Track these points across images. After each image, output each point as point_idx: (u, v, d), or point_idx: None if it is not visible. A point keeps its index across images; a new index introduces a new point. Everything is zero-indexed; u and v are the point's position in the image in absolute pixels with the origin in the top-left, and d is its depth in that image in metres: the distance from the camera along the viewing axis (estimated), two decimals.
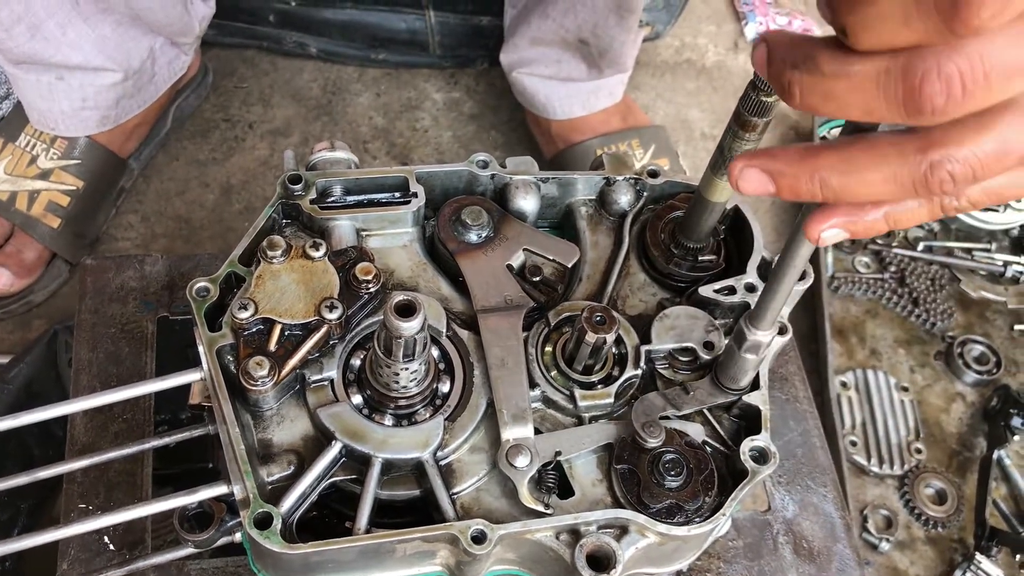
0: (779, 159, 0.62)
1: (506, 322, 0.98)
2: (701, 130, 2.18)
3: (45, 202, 1.73)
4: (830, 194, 0.61)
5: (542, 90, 1.88)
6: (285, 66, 2.14)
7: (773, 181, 0.63)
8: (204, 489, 0.91)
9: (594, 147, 1.86)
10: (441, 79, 2.17)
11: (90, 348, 1.24)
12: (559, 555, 0.87)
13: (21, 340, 1.71)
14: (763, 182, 0.63)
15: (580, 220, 1.10)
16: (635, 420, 0.92)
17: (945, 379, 1.85)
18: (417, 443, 0.90)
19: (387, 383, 0.90)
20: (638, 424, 0.91)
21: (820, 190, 0.61)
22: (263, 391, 0.89)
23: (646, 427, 0.91)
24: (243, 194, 1.94)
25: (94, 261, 1.32)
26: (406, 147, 2.06)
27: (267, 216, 1.00)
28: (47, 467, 0.98)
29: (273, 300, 0.92)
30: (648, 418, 0.92)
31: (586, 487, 0.93)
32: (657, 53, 2.29)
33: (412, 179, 1.05)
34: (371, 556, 0.87)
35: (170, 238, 1.88)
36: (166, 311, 1.28)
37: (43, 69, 1.64)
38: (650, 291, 1.06)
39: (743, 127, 0.88)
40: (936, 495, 1.71)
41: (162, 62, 1.79)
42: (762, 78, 0.82)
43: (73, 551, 1.09)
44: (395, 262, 1.04)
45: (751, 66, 0.64)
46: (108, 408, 1.18)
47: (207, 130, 2.02)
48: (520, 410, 0.93)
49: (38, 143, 1.74)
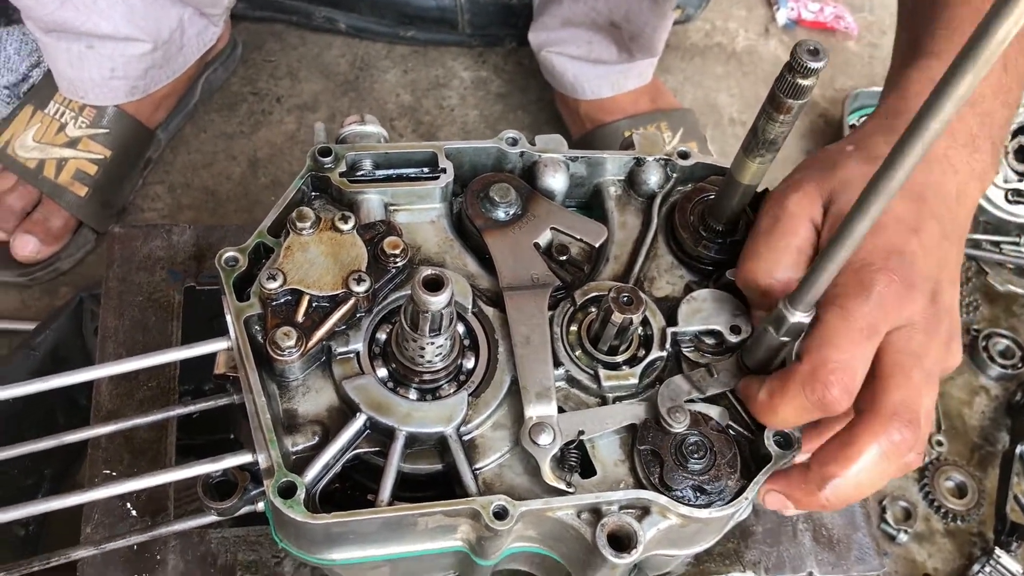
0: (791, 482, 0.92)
1: (532, 300, 0.98)
2: (729, 115, 2.17)
3: (73, 170, 1.74)
4: (836, 502, 0.89)
5: (571, 69, 1.87)
6: (314, 41, 2.13)
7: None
8: (228, 457, 0.91)
9: (622, 128, 1.85)
10: (469, 57, 2.16)
11: (117, 316, 1.25)
12: (580, 534, 0.87)
13: (47, 307, 1.72)
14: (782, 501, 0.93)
15: (608, 200, 1.10)
16: (660, 404, 0.91)
17: (969, 372, 1.84)
18: (441, 418, 0.90)
19: (412, 357, 0.90)
20: (664, 408, 0.91)
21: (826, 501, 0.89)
22: (290, 361, 0.90)
23: (671, 412, 0.91)
24: (269, 168, 1.95)
25: (123, 229, 1.32)
26: (432, 125, 2.05)
27: (296, 188, 1.00)
28: (73, 431, 0.99)
29: (301, 271, 0.92)
30: (674, 403, 0.92)
31: (608, 467, 0.93)
32: (687, 36, 2.28)
33: (441, 155, 1.04)
34: (393, 528, 0.87)
35: (196, 210, 1.88)
36: (193, 281, 1.28)
37: (73, 37, 1.65)
38: (677, 273, 1.05)
39: (777, 109, 0.87)
40: (956, 488, 1.70)
41: (191, 33, 1.80)
42: (799, 59, 0.81)
43: (97, 515, 1.11)
44: (422, 237, 1.04)
45: (781, 52, 0.63)
46: (134, 376, 1.19)
47: (235, 103, 2.03)
48: (544, 388, 0.93)
49: (67, 111, 1.75)
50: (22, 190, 1.72)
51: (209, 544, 1.11)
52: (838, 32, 2.35)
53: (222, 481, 0.93)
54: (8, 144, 1.73)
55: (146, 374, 1.20)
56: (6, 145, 1.73)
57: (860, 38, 2.37)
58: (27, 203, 1.72)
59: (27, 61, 1.86)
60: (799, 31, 2.32)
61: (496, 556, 0.91)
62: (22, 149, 1.73)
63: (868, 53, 2.34)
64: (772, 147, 0.92)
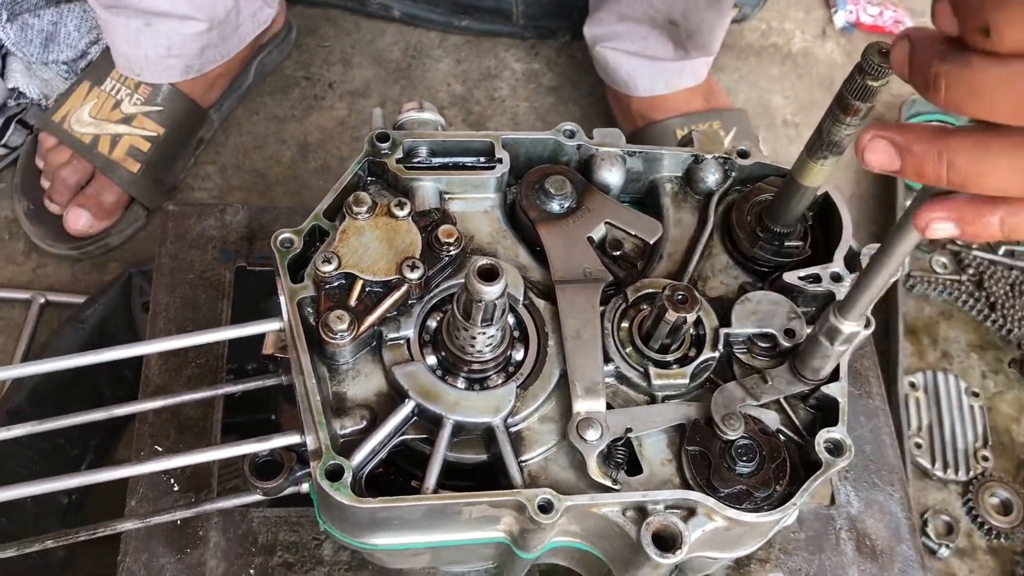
0: (909, 133, 0.61)
1: (583, 295, 0.98)
2: (783, 116, 2.14)
3: (126, 146, 1.76)
4: (956, 177, 0.59)
5: (625, 65, 1.86)
6: (368, 27, 2.14)
7: (900, 156, 0.61)
8: (276, 438, 0.92)
9: (674, 127, 1.84)
10: (522, 49, 2.15)
11: (168, 292, 1.26)
12: (624, 531, 0.87)
13: (96, 281, 1.74)
14: (890, 155, 0.62)
15: (664, 197, 1.09)
16: (715, 412, 0.90)
17: (1018, 387, 1.80)
18: (489, 408, 0.90)
19: (462, 346, 0.90)
20: (718, 416, 0.90)
21: (946, 172, 0.59)
22: (341, 345, 0.90)
23: (726, 419, 0.90)
24: (319, 153, 1.95)
25: (176, 207, 1.34)
26: (483, 115, 2.05)
27: (353, 172, 1.00)
28: (122, 404, 1.00)
29: (356, 256, 0.92)
30: (728, 410, 0.91)
31: (655, 466, 0.92)
32: (743, 36, 2.25)
33: (498, 144, 1.04)
34: (436, 516, 0.87)
35: (246, 191, 1.90)
36: (244, 261, 1.29)
37: (132, 14, 1.67)
38: (732, 274, 1.04)
39: (845, 111, 0.85)
40: (1001, 505, 1.67)
41: (246, 13, 1.80)
42: (871, 60, 0.80)
43: (142, 489, 1.12)
44: (475, 227, 1.04)
45: (838, 55, 0.62)
46: (183, 353, 1.20)
47: (287, 87, 2.03)
48: (593, 383, 0.92)
49: (123, 88, 1.77)
50: (76, 164, 1.74)
51: (251, 523, 1.12)
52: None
53: (267, 461, 0.94)
54: (64, 119, 1.75)
55: (195, 351, 1.21)
56: (63, 120, 1.75)
57: None
58: (81, 177, 1.74)
59: (86, 38, 1.88)
60: (857, 34, 2.28)
61: (538, 549, 0.91)
62: (78, 124, 1.75)
63: None
64: (836, 150, 0.90)
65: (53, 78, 1.89)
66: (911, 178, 0.62)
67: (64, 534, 0.96)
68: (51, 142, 1.75)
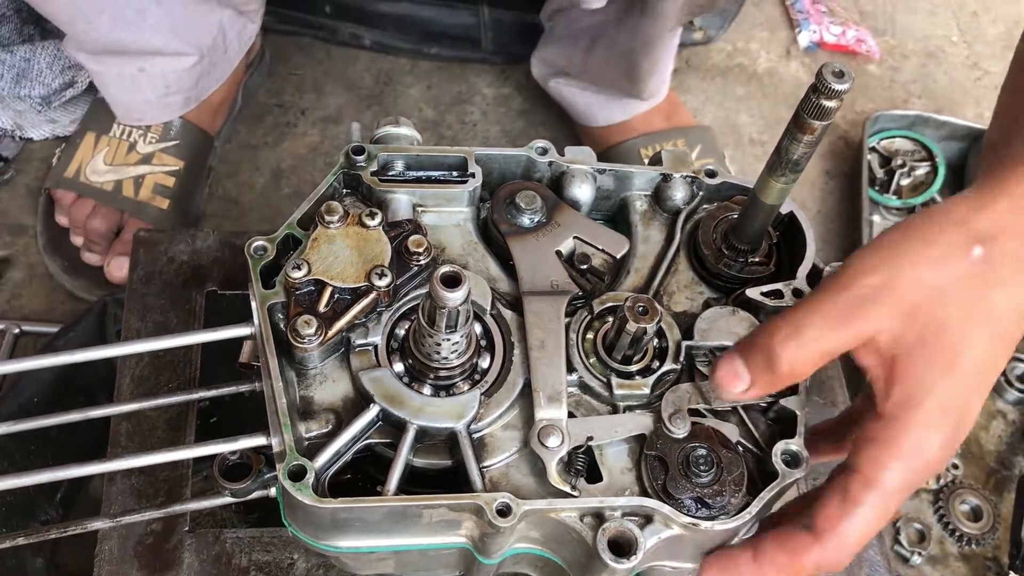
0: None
1: (550, 306, 1.00)
2: (750, 135, 2.18)
3: (151, 185, 1.77)
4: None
5: (580, 100, 1.89)
6: (339, 55, 2.17)
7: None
8: (244, 439, 0.93)
9: (637, 147, 1.86)
10: (492, 74, 2.19)
11: (139, 318, 1.28)
12: (582, 537, 0.88)
13: (72, 311, 1.75)
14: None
15: (634, 214, 1.11)
16: (664, 409, 0.93)
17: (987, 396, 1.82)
18: (452, 413, 0.92)
19: (428, 353, 0.92)
20: (666, 413, 0.92)
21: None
22: (309, 349, 0.92)
23: (673, 417, 0.92)
24: (292, 179, 1.98)
25: (146, 234, 1.35)
26: (455, 140, 2.08)
27: (328, 183, 1.02)
28: (99, 407, 1.02)
29: (326, 263, 0.94)
30: (676, 408, 0.93)
31: (615, 474, 0.94)
32: (709, 56, 2.30)
33: (471, 160, 1.07)
34: (397, 519, 0.89)
35: (219, 218, 1.92)
36: (215, 286, 1.31)
37: (125, 60, 1.67)
38: (697, 289, 1.06)
39: (801, 129, 0.88)
40: (971, 512, 1.70)
41: (232, 34, 1.81)
42: (825, 81, 0.83)
43: (116, 490, 1.13)
44: (447, 239, 1.06)
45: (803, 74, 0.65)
46: (154, 377, 1.22)
47: (260, 114, 2.06)
48: (556, 392, 0.94)
49: (134, 130, 1.78)
50: (104, 212, 1.74)
51: (224, 544, 1.13)
52: (860, 55, 2.36)
53: (237, 464, 0.95)
54: (79, 172, 1.76)
55: (167, 375, 1.22)
56: (77, 173, 1.76)
57: (881, 61, 2.37)
58: (111, 224, 1.75)
59: (59, 78, 1.87)
60: (821, 54, 2.33)
61: (498, 555, 0.93)
62: (95, 174, 1.75)
63: (889, 76, 2.35)
64: (796, 168, 0.93)
65: (26, 110, 1.89)
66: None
67: (36, 531, 0.98)
68: (70, 197, 1.76)
